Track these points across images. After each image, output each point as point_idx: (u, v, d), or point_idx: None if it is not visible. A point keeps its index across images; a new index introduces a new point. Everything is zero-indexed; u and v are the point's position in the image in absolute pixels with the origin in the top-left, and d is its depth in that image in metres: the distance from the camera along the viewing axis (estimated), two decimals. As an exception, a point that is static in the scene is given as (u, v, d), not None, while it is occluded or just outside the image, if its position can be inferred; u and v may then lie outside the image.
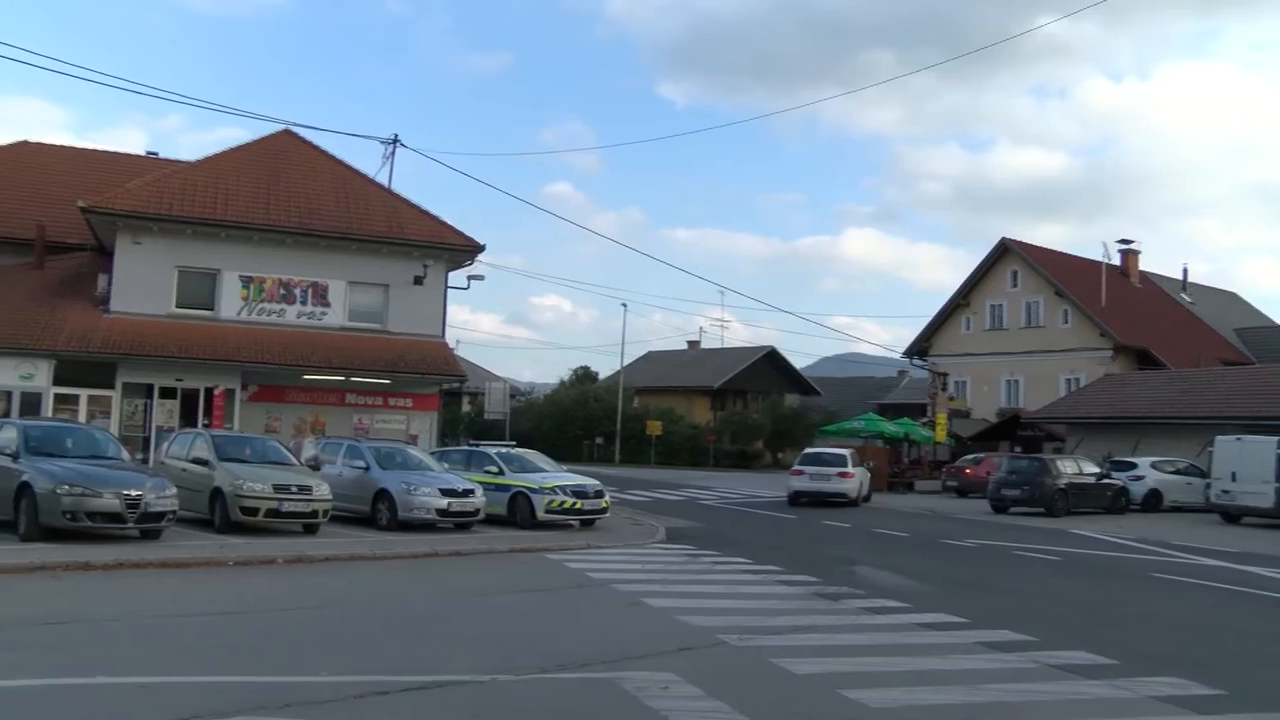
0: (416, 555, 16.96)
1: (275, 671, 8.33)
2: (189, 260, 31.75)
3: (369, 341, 32.28)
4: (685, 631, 10.96)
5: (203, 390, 30.46)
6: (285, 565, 15.11)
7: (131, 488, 15.61)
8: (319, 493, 18.38)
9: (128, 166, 37.80)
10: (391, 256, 33.01)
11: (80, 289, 32.23)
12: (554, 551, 18.27)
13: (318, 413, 31.56)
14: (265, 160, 34.60)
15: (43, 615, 10.60)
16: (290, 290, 32.48)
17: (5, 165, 38.16)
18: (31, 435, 16.90)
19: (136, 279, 31.17)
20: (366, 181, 36.07)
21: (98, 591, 12.31)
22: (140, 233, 31.23)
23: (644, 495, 34.04)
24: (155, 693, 7.56)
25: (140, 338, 30.13)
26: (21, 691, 7.45)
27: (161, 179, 33.23)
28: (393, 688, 7.91)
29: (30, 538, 15.00)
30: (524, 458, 24.14)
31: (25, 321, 30.26)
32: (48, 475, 15.28)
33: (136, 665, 8.41)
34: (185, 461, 19.23)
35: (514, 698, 8.05)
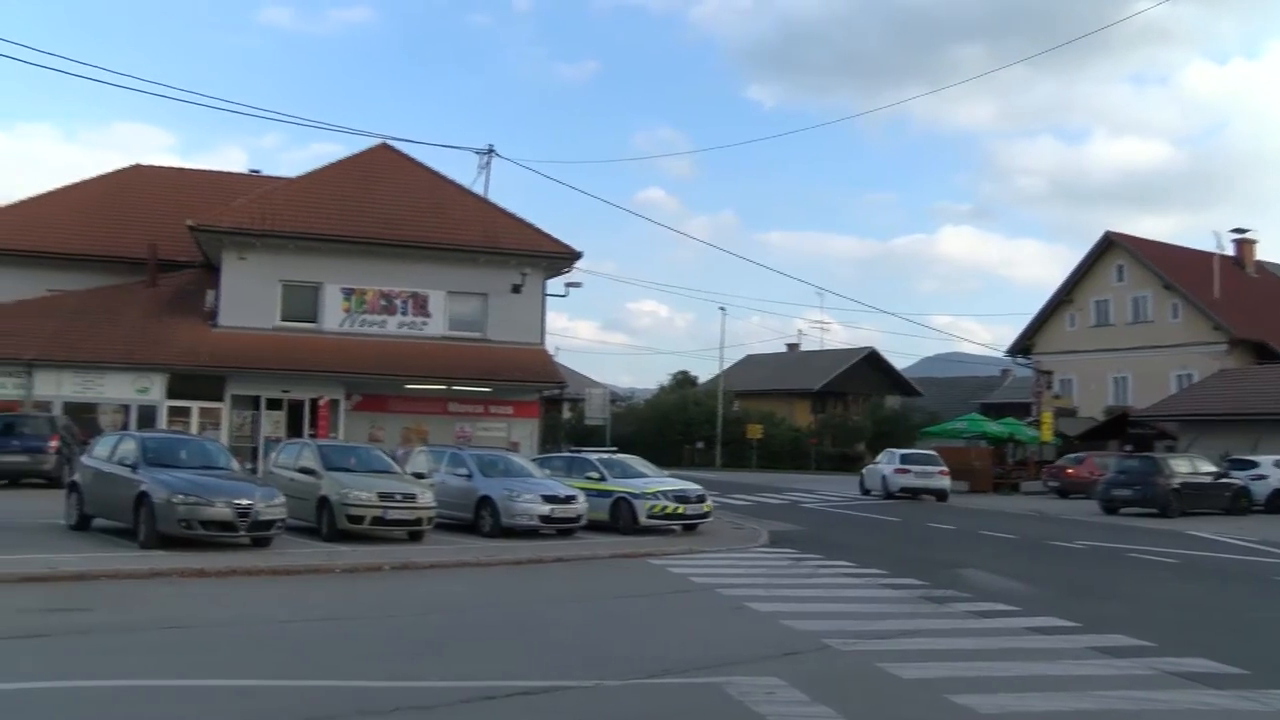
0: (520, 561, 17.05)
1: (383, 676, 8.42)
2: (292, 274, 32.48)
3: (469, 350, 32.65)
4: (790, 636, 10.84)
5: (308, 401, 31.13)
6: (391, 572, 15.29)
7: (242, 497, 15.96)
8: (423, 500, 18.60)
9: (232, 185, 38.82)
10: (489, 265, 33.36)
11: (190, 305, 33.15)
12: (656, 557, 18.21)
13: (420, 421, 32.03)
14: (363, 174, 35.25)
15: (162, 620, 10.90)
16: (391, 301, 33.03)
17: (119, 189, 39.56)
18: (148, 447, 17.37)
19: (242, 294, 31.98)
20: (463, 192, 36.53)
21: (212, 597, 12.59)
22: (245, 249, 32.05)
23: (746, 499, 33.86)
24: (267, 696, 7.71)
25: (247, 351, 30.91)
26: (144, 691, 7.68)
27: (264, 196, 34.05)
28: (499, 693, 7.94)
29: (149, 545, 15.43)
30: (625, 463, 24.14)
31: (140, 337, 31.28)
32: (164, 485, 15.70)
33: (249, 669, 8.59)
34: (293, 471, 19.58)
35: (619, 703, 8.04)
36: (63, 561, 13.91)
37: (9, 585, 12.38)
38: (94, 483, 17.69)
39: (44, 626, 10.16)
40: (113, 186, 40.03)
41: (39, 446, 26.49)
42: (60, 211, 37.64)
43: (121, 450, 17.50)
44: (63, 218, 37.11)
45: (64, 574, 13.09)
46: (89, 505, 17.73)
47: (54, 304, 32.94)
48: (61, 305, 32.83)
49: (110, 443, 18.50)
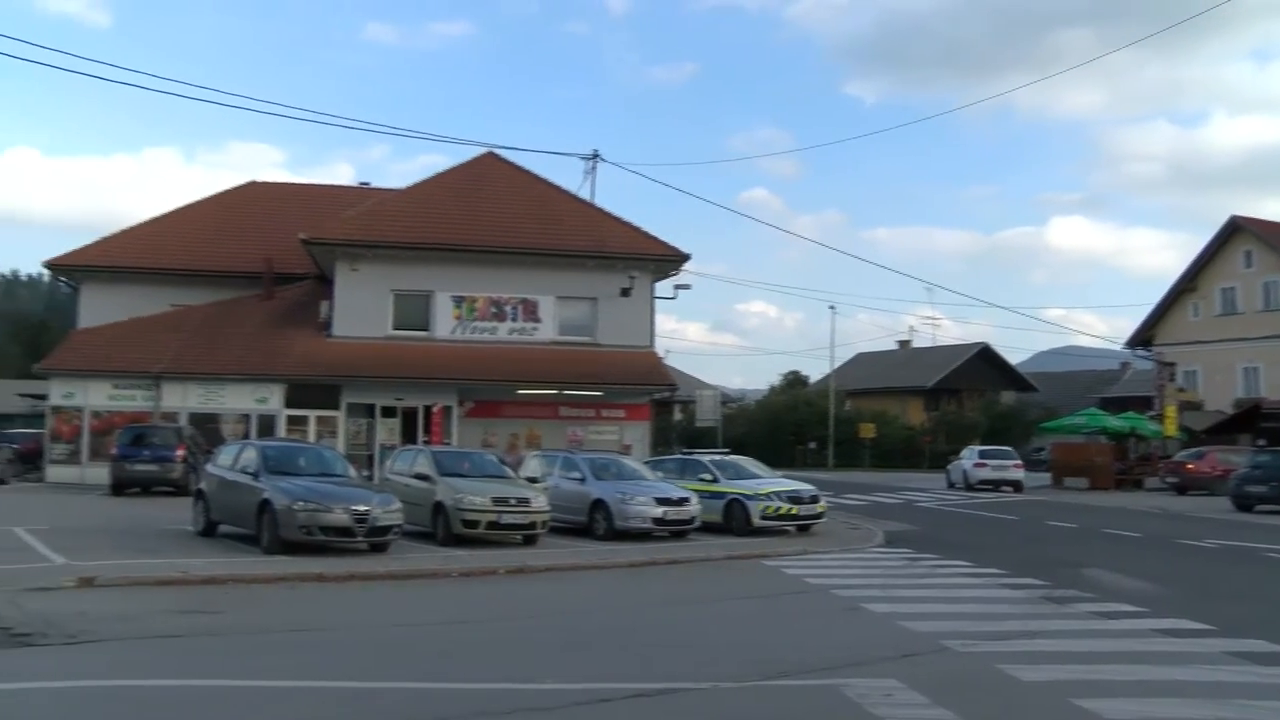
0: (634, 564, 17.08)
1: (500, 678, 8.50)
2: (403, 284, 33.05)
3: (579, 355, 32.84)
4: (907, 637, 10.69)
5: (421, 408, 31.62)
6: (506, 576, 15.43)
7: (360, 503, 16.27)
8: (537, 505, 18.75)
9: (342, 197, 39.61)
10: (598, 270, 33.51)
11: (305, 316, 33.91)
12: (770, 558, 18.11)
13: (532, 426, 32.30)
14: (470, 183, 35.70)
15: (286, 622, 11.20)
16: (501, 308, 33.38)
17: (236, 205, 40.74)
18: (269, 455, 17.84)
19: (355, 304, 32.62)
20: (569, 198, 36.76)
21: (332, 601, 12.88)
22: (357, 260, 32.68)
23: (860, 499, 33.51)
24: (386, 697, 7.84)
25: (361, 360, 31.52)
26: (273, 691, 7.89)
27: (374, 207, 34.71)
28: (615, 695, 7.97)
29: (272, 550, 15.84)
30: (737, 464, 24.04)
31: (258, 349, 32.13)
32: (285, 493, 16.09)
33: (369, 671, 8.73)
34: (408, 477, 19.89)
35: (735, 705, 7.99)
36: (193, 566, 14.36)
37: (146, 588, 12.86)
38: (219, 490, 18.24)
39: (178, 628, 10.51)
40: (230, 204, 41.21)
41: (167, 456, 27.47)
42: (181, 230, 38.90)
43: (244, 459, 18.02)
44: (183, 236, 38.37)
45: (194, 578, 13.51)
46: (215, 512, 18.27)
47: (178, 319, 34.04)
48: (185, 320, 33.89)
49: (233, 452, 19.08)
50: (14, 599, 11.41)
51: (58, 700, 7.61)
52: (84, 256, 37.88)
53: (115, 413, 31.06)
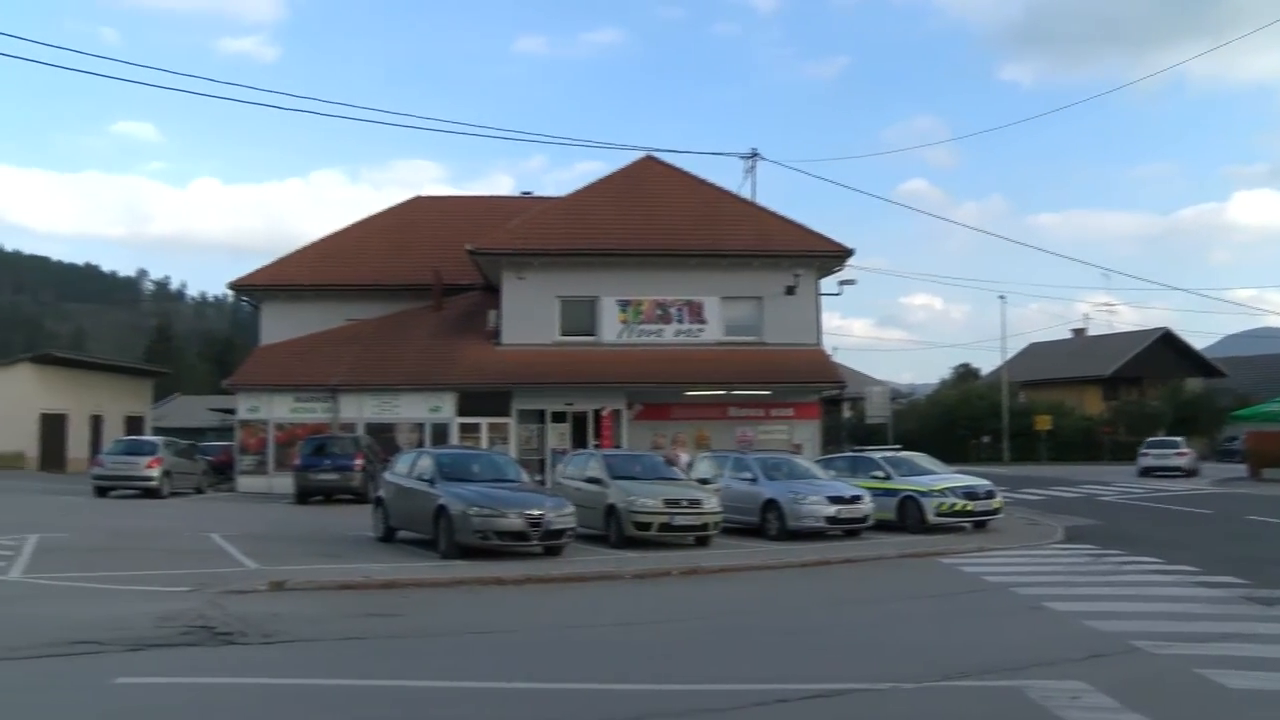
0: (807, 564, 16.89)
1: (675, 679, 8.46)
2: (569, 290, 33.43)
3: (746, 354, 32.71)
4: (1093, 637, 10.23)
5: (591, 412, 31.94)
6: (680, 577, 15.42)
7: (533, 508, 16.48)
8: (709, 506, 18.70)
9: (505, 208, 40.35)
10: (762, 269, 33.35)
11: (474, 325, 34.65)
12: (947, 555, 17.70)
13: (701, 427, 32.29)
14: (630, 187, 35.90)
15: (465, 625, 11.43)
16: (666, 310, 33.47)
17: (402, 221, 41.95)
18: (444, 462, 18.26)
19: (523, 312, 33.15)
20: (731, 198, 36.68)
21: (508, 604, 13.08)
22: (522, 268, 33.21)
23: (1037, 493, 32.46)
24: (564, 698, 7.89)
25: (530, 367, 32.00)
26: (449, 691, 8.02)
27: (537, 216, 35.21)
28: (792, 695, 7.84)
29: (449, 555, 16.17)
30: (910, 461, 23.59)
31: (430, 359, 32.98)
32: (460, 499, 16.42)
33: (546, 672, 8.81)
34: (580, 481, 20.06)
35: (914, 706, 7.78)
36: (374, 571, 14.80)
37: (331, 592, 13.32)
38: (396, 497, 18.74)
39: (363, 630, 10.81)
40: (397, 219, 42.48)
41: (347, 465, 28.39)
42: (352, 247, 40.29)
43: (419, 466, 18.47)
44: (354, 252, 39.73)
45: (376, 582, 13.90)
46: (393, 519, 18.76)
47: (353, 333, 35.20)
48: (359, 334, 35.04)
49: (409, 460, 19.58)
50: (215, 600, 11.98)
51: (257, 695, 7.92)
52: (263, 277, 39.60)
53: (297, 425, 32.29)
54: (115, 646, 9.35)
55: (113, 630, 10.02)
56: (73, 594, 12.78)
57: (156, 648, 9.41)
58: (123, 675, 8.28)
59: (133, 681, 8.12)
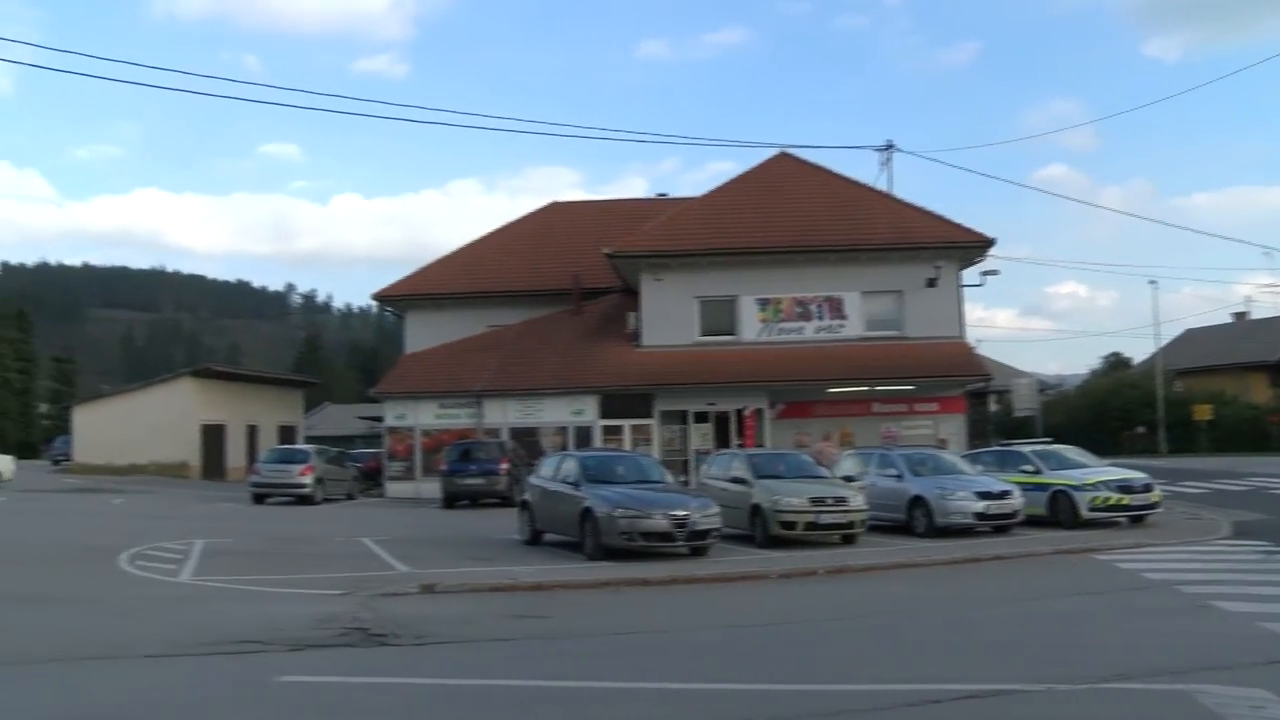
0: (956, 561, 16.44)
1: (825, 679, 8.26)
2: (708, 290, 33.38)
3: (888, 349, 32.21)
4: (1273, 641, 9.59)
5: (733, 412, 31.80)
6: (827, 576, 15.17)
7: (678, 508, 16.41)
8: (854, 504, 18.38)
9: (640, 211, 40.49)
10: (902, 262, 32.79)
11: (614, 328, 34.82)
12: (1102, 552, 17.01)
13: (844, 424, 31.84)
14: (765, 185, 35.67)
15: (613, 626, 11.39)
16: (806, 307, 33.17)
17: (540, 227, 42.51)
18: (588, 465, 18.34)
19: (662, 313, 33.19)
20: (866, 191, 36.16)
21: (655, 605, 13.01)
22: (660, 270, 33.26)
23: (1199, 486, 31.09)
24: (712, 698, 7.77)
25: (671, 368, 32.01)
26: (599, 692, 7.96)
27: (673, 218, 35.23)
28: (945, 696, 7.55)
29: (595, 557, 16.21)
30: (1061, 454, 22.80)
31: (571, 363, 33.26)
32: (605, 501, 16.45)
33: (694, 672, 8.69)
34: (724, 481, 19.93)
35: (1074, 709, 7.37)
36: (521, 573, 14.90)
37: (481, 594, 13.45)
38: (542, 500, 18.87)
39: (511, 631, 10.88)
40: (534, 226, 43.05)
41: (492, 469, 28.82)
42: (491, 255, 41.02)
43: (564, 470, 18.57)
44: (494, 260, 40.46)
45: (523, 584, 13.99)
46: (539, 521, 18.90)
47: (494, 339, 35.72)
48: (501, 340, 35.52)
49: (553, 463, 19.71)
50: (368, 603, 12.21)
51: (412, 695, 8.01)
52: (406, 287, 40.56)
53: (443, 430, 32.87)
54: (277, 646, 9.60)
55: (274, 631, 10.30)
56: (236, 596, 13.20)
57: (315, 648, 9.62)
58: (285, 674, 8.50)
59: (295, 680, 8.33)
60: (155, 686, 8.36)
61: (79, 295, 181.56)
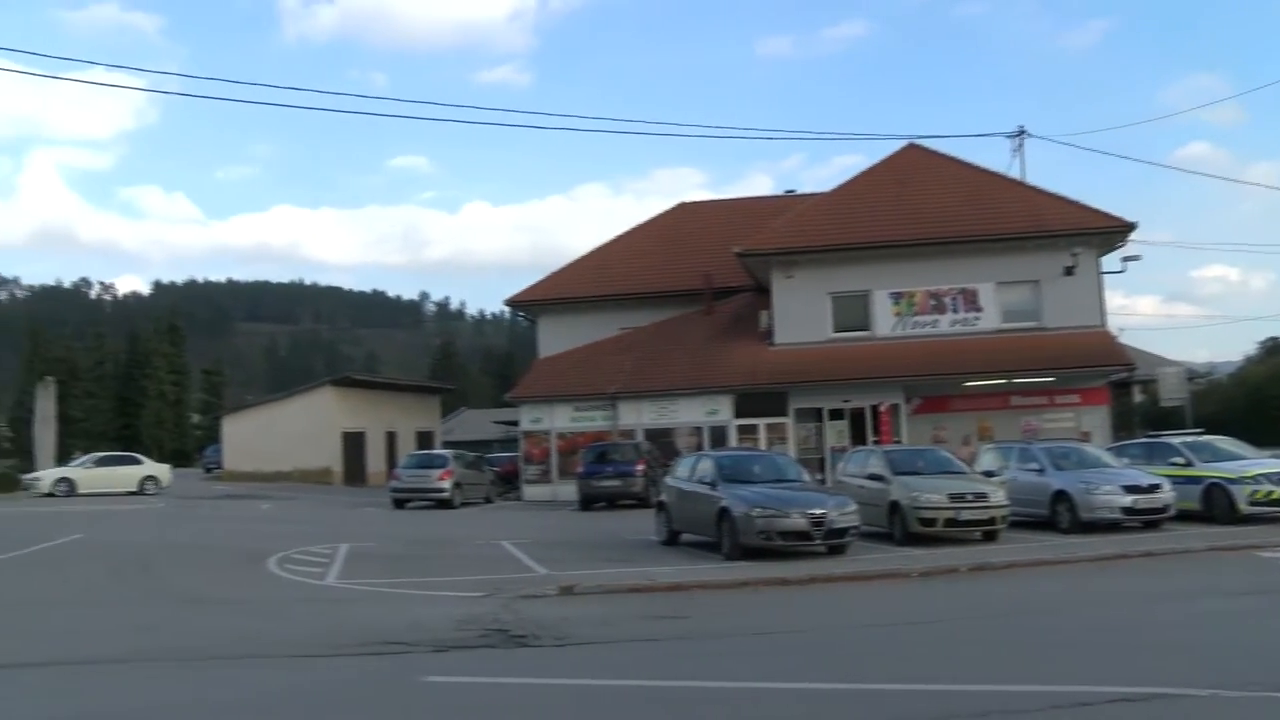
0: (1103, 558, 15.95)
1: (968, 680, 8.10)
2: (839, 286, 33.10)
3: (1025, 340, 31.49)
4: None
5: (869, 408, 31.44)
6: (968, 574, 14.90)
7: (815, 507, 16.31)
8: (995, 499, 18.02)
9: (769, 208, 40.33)
10: (1038, 250, 32.01)
11: (746, 327, 34.75)
12: (1265, 549, 16.26)
13: (982, 419, 31.24)
14: (894, 177, 35.18)
15: (753, 626, 11.36)
16: (940, 300, 32.65)
17: (669, 228, 42.69)
18: (724, 465, 18.35)
19: (794, 311, 33.02)
20: (999, 179, 35.38)
21: (795, 604, 12.95)
22: (791, 267, 33.09)
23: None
24: (855, 698, 7.68)
25: (804, 365, 31.82)
26: (742, 692, 7.91)
27: (801, 214, 35.02)
28: (1095, 699, 7.29)
29: (732, 557, 16.21)
30: (1213, 445, 21.91)
31: (705, 363, 33.30)
32: (742, 500, 16.44)
33: (833, 672, 8.61)
34: (861, 478, 19.75)
35: (1242, 716, 7.10)
36: (659, 574, 14.99)
37: (619, 595, 13.55)
38: (678, 501, 18.93)
39: (651, 632, 10.94)
40: (664, 227, 43.22)
41: (628, 471, 29.04)
42: (620, 257, 41.35)
43: (700, 470, 18.62)
44: (623, 262, 40.79)
45: (661, 585, 14.05)
46: (676, 522, 18.97)
47: (627, 341, 35.94)
48: (633, 341, 35.72)
49: (689, 464, 19.79)
50: (509, 605, 12.42)
51: (555, 695, 8.11)
52: (538, 292, 41.14)
53: (578, 433, 33.19)
54: (421, 647, 9.82)
55: (418, 632, 10.55)
56: (380, 598, 13.55)
57: (458, 649, 9.81)
58: (430, 674, 8.69)
59: (440, 680, 8.52)
60: (304, 685, 8.65)
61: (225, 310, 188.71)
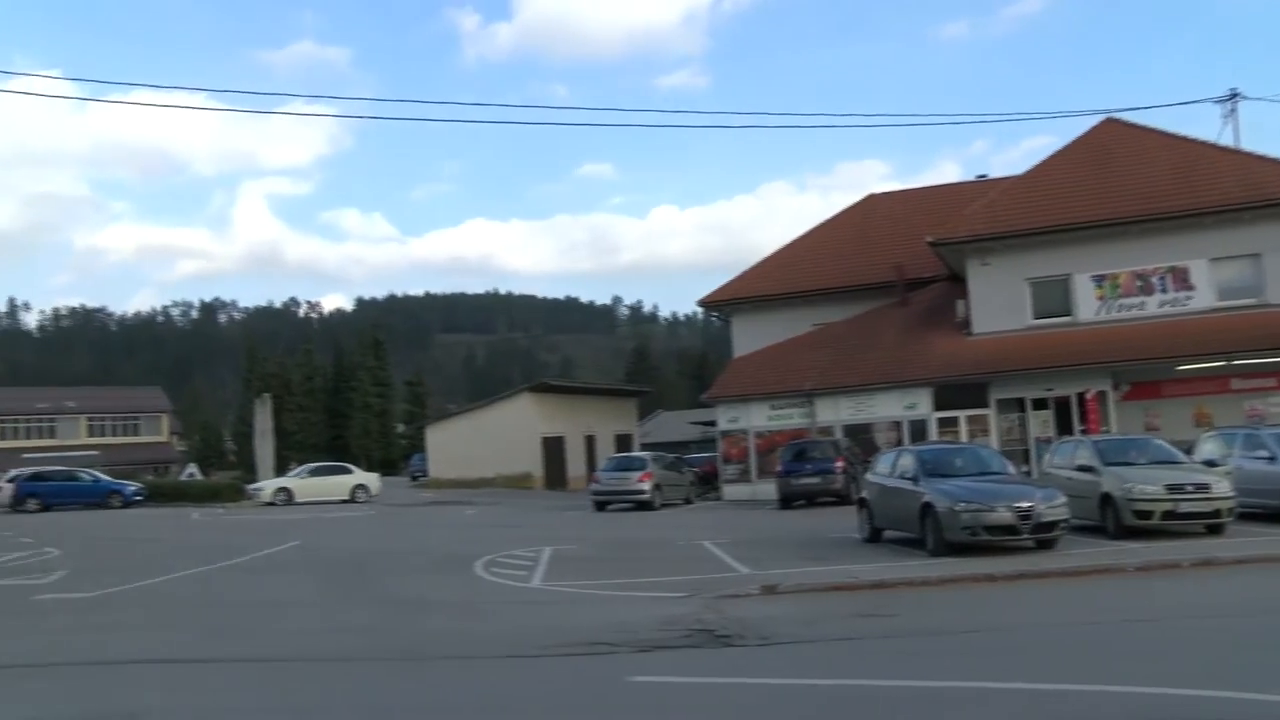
0: (1348, 550, 14.96)
1: (1188, 684, 7.63)
2: (1038, 271, 32.09)
3: (1246, 319, 29.80)
4: None
5: (1074, 397, 30.37)
6: (1191, 570, 14.16)
7: (1022, 500, 15.82)
8: (1218, 490, 17.06)
9: (960, 195, 39.43)
10: (1255, 221, 30.28)
11: (942, 318, 34.02)
12: None
13: (1200, 404, 29.75)
14: (1091, 155, 33.85)
15: (963, 624, 11.10)
16: (1147, 280, 31.28)
17: (859, 221, 42.28)
18: (925, 459, 18.01)
19: (991, 298, 32.19)
20: (1208, 148, 33.53)
21: (1005, 601, 12.58)
22: (986, 254, 32.25)
23: None
24: (1074, 700, 7.36)
25: (1004, 355, 30.97)
26: (956, 692, 7.76)
27: (995, 198, 34.07)
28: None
29: (937, 553, 15.86)
30: None
31: (901, 356, 32.77)
32: (946, 495, 16.08)
33: (1053, 672, 8.25)
34: (1070, 470, 19.07)
35: None
36: (862, 571, 14.82)
37: (822, 594, 13.43)
38: (879, 497, 18.67)
39: (856, 631, 10.82)
40: (853, 220, 42.79)
41: (828, 468, 28.80)
42: (812, 252, 41.14)
43: (901, 465, 18.35)
44: (814, 258, 40.61)
45: (864, 583, 13.88)
46: (878, 519, 18.71)
47: (822, 336, 35.67)
48: (827, 337, 35.43)
49: (890, 459, 19.53)
50: (712, 604, 12.46)
51: (763, 695, 8.08)
52: (729, 291, 41.25)
53: (775, 431, 33.10)
54: (625, 648, 9.95)
55: (621, 633, 10.68)
56: (584, 599, 13.78)
57: (663, 649, 9.89)
58: (636, 674, 8.80)
59: (646, 680, 8.61)
60: (513, 684, 8.89)
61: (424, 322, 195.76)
